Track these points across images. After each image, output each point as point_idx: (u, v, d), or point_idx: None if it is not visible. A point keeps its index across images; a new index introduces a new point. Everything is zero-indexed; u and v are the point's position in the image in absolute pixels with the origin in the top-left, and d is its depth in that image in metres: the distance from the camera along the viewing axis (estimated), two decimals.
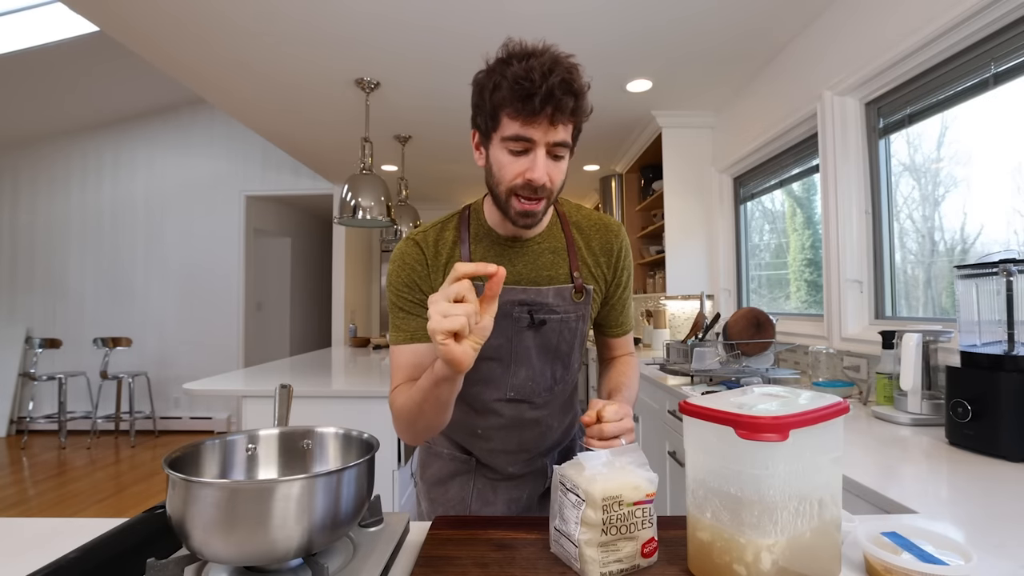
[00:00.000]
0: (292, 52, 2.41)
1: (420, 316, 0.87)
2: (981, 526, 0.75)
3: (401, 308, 0.88)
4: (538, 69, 0.72)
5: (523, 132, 0.75)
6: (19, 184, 5.32)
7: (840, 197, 1.96)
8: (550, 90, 0.72)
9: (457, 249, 0.89)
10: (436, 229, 0.91)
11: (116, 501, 3.41)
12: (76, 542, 0.64)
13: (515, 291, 0.87)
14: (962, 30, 1.45)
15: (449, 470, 1.01)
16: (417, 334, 0.87)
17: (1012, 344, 1.07)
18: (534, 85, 0.72)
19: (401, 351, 0.88)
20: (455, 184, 5.03)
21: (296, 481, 0.53)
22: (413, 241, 0.90)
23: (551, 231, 0.92)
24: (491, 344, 0.88)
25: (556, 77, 0.72)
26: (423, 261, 0.88)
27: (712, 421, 0.55)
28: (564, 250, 0.91)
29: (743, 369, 2.03)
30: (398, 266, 0.89)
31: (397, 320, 0.89)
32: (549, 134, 0.75)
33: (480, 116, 0.80)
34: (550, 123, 0.74)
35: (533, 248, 0.90)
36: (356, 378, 2.41)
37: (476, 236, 0.90)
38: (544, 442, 0.99)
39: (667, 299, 3.43)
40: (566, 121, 0.76)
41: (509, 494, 1.00)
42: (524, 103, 0.73)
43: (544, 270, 0.90)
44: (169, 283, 5.23)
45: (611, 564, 0.59)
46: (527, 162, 0.77)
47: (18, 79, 4.05)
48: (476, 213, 0.92)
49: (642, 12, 2.12)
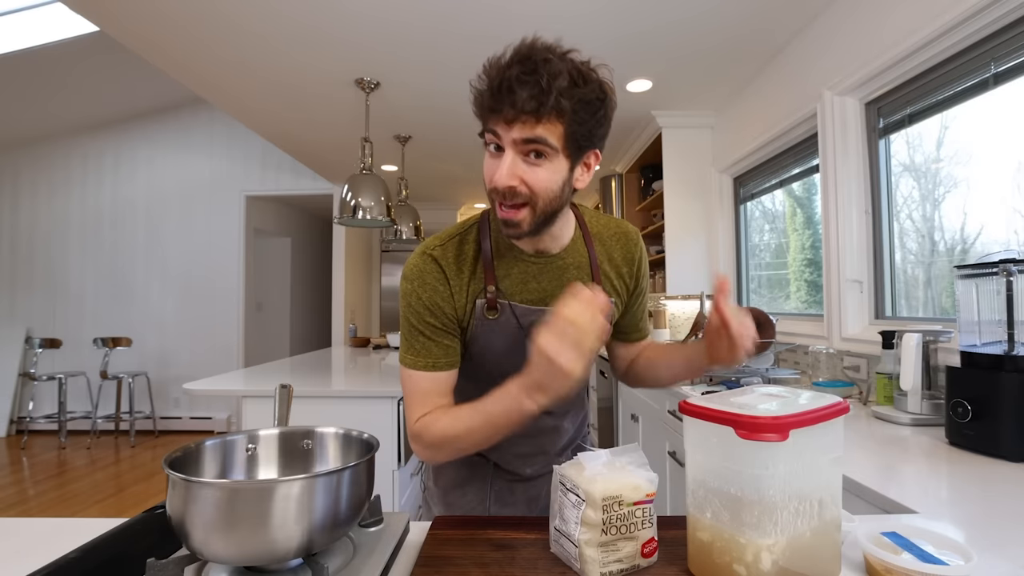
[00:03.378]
0: (292, 52, 2.41)
1: (441, 342, 0.81)
2: (981, 526, 0.74)
3: (421, 332, 0.80)
4: (510, 60, 0.67)
5: (491, 125, 0.70)
6: (19, 184, 5.32)
7: (840, 197, 1.96)
8: (506, 83, 0.66)
9: (479, 264, 0.82)
10: (455, 243, 0.84)
11: (116, 501, 3.41)
12: (76, 542, 0.64)
13: (542, 312, 0.81)
14: (962, 30, 1.45)
15: (465, 474, 0.99)
16: (440, 362, 0.81)
17: (1012, 344, 1.07)
18: (491, 78, 0.68)
19: (419, 377, 0.81)
20: (455, 184, 5.03)
21: (296, 481, 0.53)
22: (431, 258, 0.82)
23: (575, 245, 0.87)
24: (512, 361, 0.79)
25: (514, 70, 0.66)
26: (444, 280, 0.81)
27: (712, 421, 0.55)
28: (587, 265, 0.87)
29: (743, 369, 2.04)
30: (417, 286, 0.80)
31: (415, 344, 0.81)
32: (513, 131, 0.68)
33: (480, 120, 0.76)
34: (509, 120, 0.68)
35: (558, 264, 0.85)
36: (356, 378, 2.41)
37: (499, 251, 0.83)
38: (559, 442, 0.99)
39: (667, 299, 3.43)
40: (527, 118, 0.67)
41: (528, 493, 0.99)
42: (485, 96, 0.69)
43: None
44: (169, 283, 5.23)
45: (611, 564, 0.59)
46: (498, 163, 0.71)
47: (18, 79, 4.05)
48: (496, 223, 0.85)
49: (642, 13, 2.12)
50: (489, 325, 0.82)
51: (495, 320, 0.82)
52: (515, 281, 0.83)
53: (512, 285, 0.83)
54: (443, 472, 1.01)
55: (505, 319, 0.82)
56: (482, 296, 0.82)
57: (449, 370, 0.82)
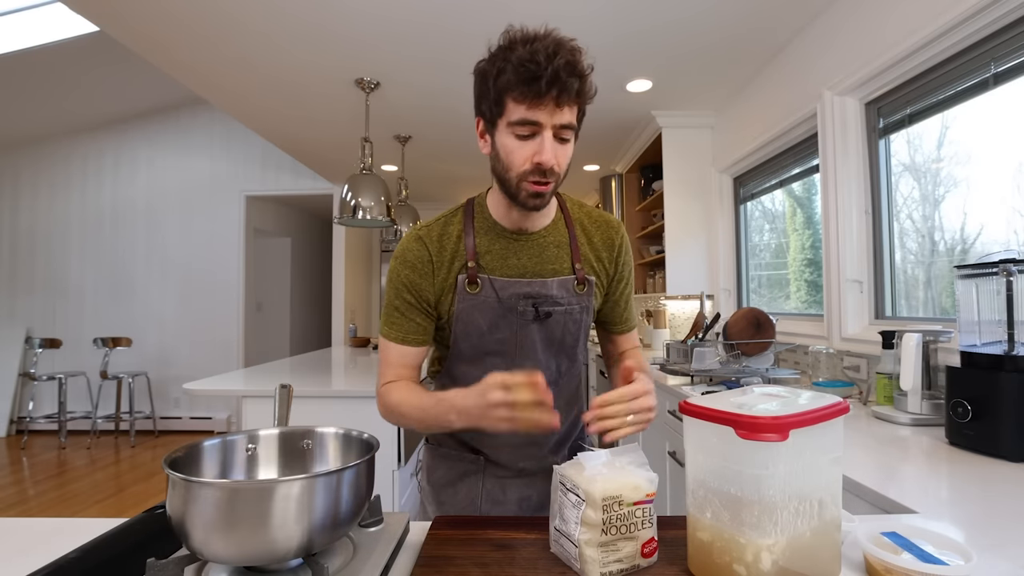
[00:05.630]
0: (293, 51, 2.41)
1: (413, 319, 0.89)
2: (981, 526, 0.75)
3: (397, 308, 0.89)
4: (543, 51, 0.73)
5: (529, 115, 0.75)
6: (19, 184, 5.32)
7: (840, 197, 1.96)
8: (555, 72, 0.72)
9: (462, 243, 0.89)
10: (440, 224, 0.91)
11: (116, 501, 3.41)
12: (76, 542, 0.64)
13: (520, 284, 0.88)
14: (962, 30, 1.45)
15: (457, 471, 1.00)
16: (408, 337, 0.89)
17: (1012, 344, 1.07)
18: (539, 67, 0.72)
19: (391, 347, 0.90)
20: (455, 184, 5.03)
21: (296, 481, 0.53)
22: (417, 238, 0.90)
23: (555, 226, 0.92)
24: (495, 338, 0.89)
25: (561, 59, 0.73)
26: (427, 259, 0.88)
27: (712, 421, 0.55)
28: (567, 244, 0.92)
29: (743, 369, 2.04)
30: (400, 263, 0.89)
31: (391, 316, 0.90)
32: (555, 116, 0.76)
33: (484, 103, 0.80)
34: (556, 105, 0.75)
35: (538, 241, 0.90)
36: (356, 378, 2.41)
37: (481, 229, 0.90)
38: (551, 435, 0.98)
39: (667, 299, 3.43)
40: (571, 103, 0.76)
41: (520, 493, 0.99)
42: (529, 86, 0.73)
43: (548, 263, 0.90)
44: (169, 283, 5.23)
45: (611, 564, 0.59)
46: (535, 146, 0.77)
47: (18, 79, 4.06)
48: (480, 207, 0.92)
49: (642, 12, 2.12)
50: (471, 301, 0.88)
51: (476, 295, 0.87)
52: (496, 257, 0.89)
53: (493, 260, 0.89)
54: (436, 470, 1.02)
55: (486, 294, 0.88)
56: (464, 271, 0.88)
57: (417, 346, 0.91)
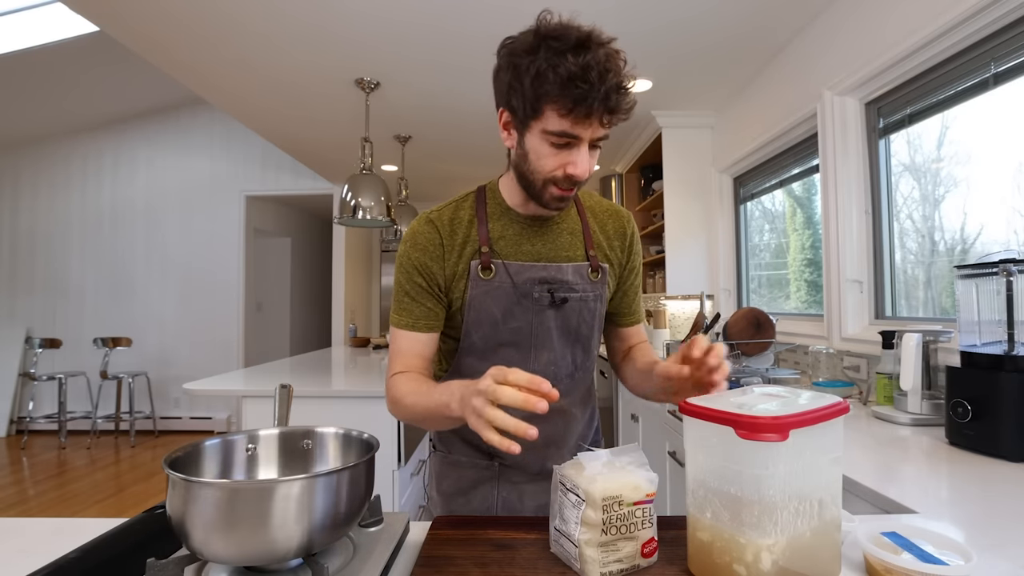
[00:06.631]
0: (293, 51, 2.41)
1: (424, 304, 0.86)
2: (981, 526, 0.75)
3: (407, 292, 0.87)
4: (595, 68, 0.69)
5: (572, 130, 0.73)
6: (19, 184, 5.32)
7: (840, 197, 1.96)
8: (607, 93, 0.70)
9: (473, 228, 0.87)
10: (451, 208, 0.89)
11: (116, 501, 3.41)
12: (76, 542, 0.64)
13: (536, 268, 0.86)
14: (962, 30, 1.45)
15: (470, 479, 0.95)
16: (419, 323, 0.86)
17: (1012, 344, 1.07)
18: (591, 88, 0.69)
19: (402, 336, 0.87)
20: (455, 184, 5.03)
21: (296, 481, 0.53)
22: (428, 220, 0.88)
23: (568, 213, 0.92)
24: (511, 327, 0.87)
25: (613, 79, 0.70)
26: (438, 242, 0.86)
27: (712, 421, 0.55)
28: (580, 231, 0.92)
29: (743, 369, 2.04)
30: (410, 246, 0.86)
31: (402, 302, 0.87)
32: (596, 131, 0.75)
33: (516, 98, 0.75)
34: (600, 124, 0.74)
35: (553, 228, 0.90)
36: (356, 378, 2.41)
37: (494, 215, 0.88)
38: (569, 432, 0.96)
39: (667, 299, 3.43)
40: (617, 120, 0.75)
41: (537, 500, 0.94)
42: (577, 104, 0.70)
43: (563, 250, 0.89)
44: (169, 283, 5.23)
45: (611, 564, 0.59)
46: (568, 156, 0.76)
47: (18, 79, 4.05)
48: (492, 192, 0.90)
49: (643, 12, 2.12)
50: (484, 287, 0.85)
51: (490, 281, 0.85)
52: (510, 242, 0.87)
53: (507, 246, 0.87)
54: (445, 479, 0.97)
55: (500, 279, 0.86)
56: (476, 257, 0.86)
57: (428, 332, 0.87)
